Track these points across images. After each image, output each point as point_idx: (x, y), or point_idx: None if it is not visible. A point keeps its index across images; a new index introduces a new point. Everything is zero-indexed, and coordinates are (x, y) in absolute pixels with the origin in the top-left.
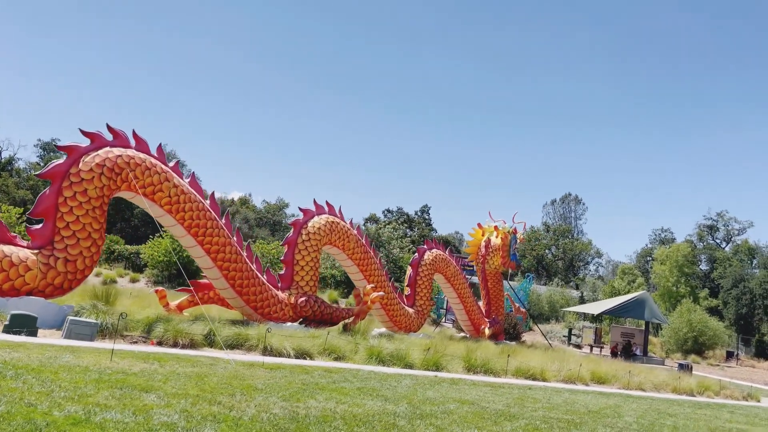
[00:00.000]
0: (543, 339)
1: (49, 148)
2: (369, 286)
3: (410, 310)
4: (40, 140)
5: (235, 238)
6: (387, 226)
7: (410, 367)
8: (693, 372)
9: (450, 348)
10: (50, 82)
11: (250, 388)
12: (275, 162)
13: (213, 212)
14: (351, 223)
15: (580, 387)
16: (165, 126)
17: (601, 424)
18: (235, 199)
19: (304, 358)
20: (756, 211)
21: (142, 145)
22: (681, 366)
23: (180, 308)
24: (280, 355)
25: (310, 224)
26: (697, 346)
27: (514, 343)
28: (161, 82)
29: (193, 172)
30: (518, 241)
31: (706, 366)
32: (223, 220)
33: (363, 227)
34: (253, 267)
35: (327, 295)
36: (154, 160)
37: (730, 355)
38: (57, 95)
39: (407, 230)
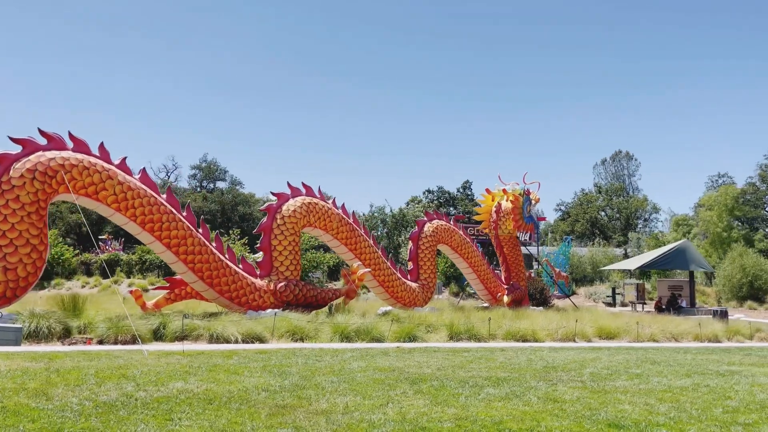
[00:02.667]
0: (577, 301)
1: None
2: (355, 265)
3: (413, 285)
4: None
5: (200, 230)
6: (416, 205)
7: (378, 340)
8: (732, 317)
9: (441, 318)
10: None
11: (117, 377)
12: (315, 159)
13: (169, 206)
14: (334, 202)
15: (577, 344)
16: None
17: (543, 378)
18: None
19: (253, 342)
20: None
21: (80, 146)
22: (715, 312)
23: (158, 306)
24: (227, 341)
25: (284, 208)
26: (753, 292)
27: (540, 308)
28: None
29: (144, 168)
30: (532, 202)
31: (764, 311)
32: (184, 213)
33: (390, 210)
34: (224, 257)
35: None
36: (93, 159)
37: None
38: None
39: (450, 208)
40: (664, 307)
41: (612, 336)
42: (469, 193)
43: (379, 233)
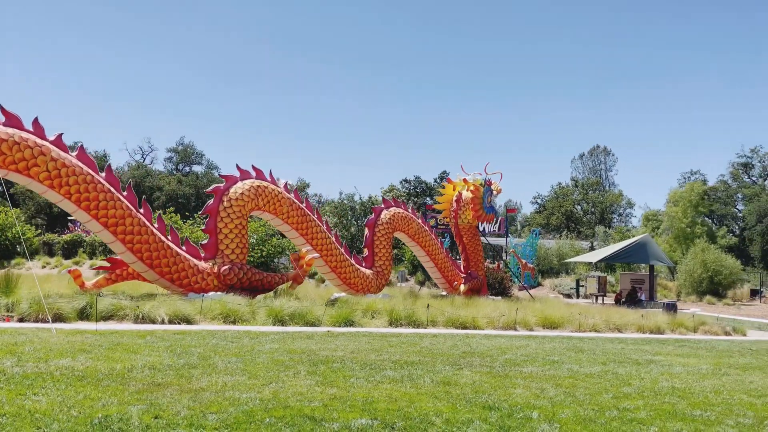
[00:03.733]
0: (541, 293)
1: None
2: (304, 250)
3: (367, 272)
4: None
5: (141, 210)
6: (388, 193)
7: (313, 325)
8: (688, 311)
9: (388, 304)
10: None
11: (4, 353)
12: (293, 145)
13: (108, 185)
14: (286, 186)
15: (515, 333)
16: (184, 117)
17: (453, 363)
18: None
19: (179, 323)
20: None
21: (12, 120)
22: (665, 305)
23: (98, 286)
24: (153, 322)
25: (232, 190)
26: (713, 287)
27: (499, 298)
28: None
29: (81, 144)
30: (494, 192)
31: (721, 306)
32: (125, 192)
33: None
34: (166, 238)
35: None
36: (25, 134)
37: (755, 294)
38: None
39: (427, 198)
40: (624, 299)
41: (555, 326)
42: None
43: (347, 221)
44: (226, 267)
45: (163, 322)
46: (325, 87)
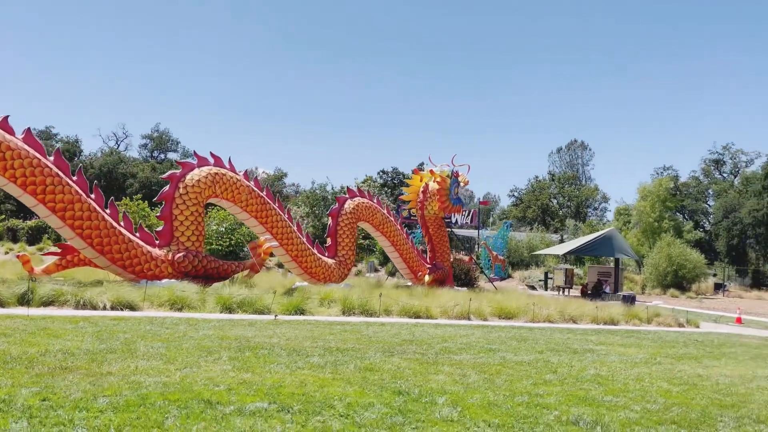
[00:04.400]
0: (510, 285)
1: None
2: (262, 238)
3: (330, 261)
4: None
5: (93, 196)
6: (363, 184)
7: (262, 312)
8: (650, 304)
9: (345, 293)
10: None
11: None
12: (272, 134)
13: (57, 169)
14: (246, 174)
15: (467, 322)
16: (161, 105)
17: (387, 351)
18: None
19: (122, 310)
20: (765, 142)
21: None
22: (624, 297)
23: (47, 272)
24: (94, 308)
25: (188, 177)
26: (677, 280)
27: (465, 288)
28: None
29: (28, 128)
30: (461, 184)
31: (684, 299)
32: (75, 177)
33: (332, 187)
34: (118, 224)
35: None
36: None
37: (718, 287)
38: None
39: (403, 189)
40: (589, 292)
41: (511, 316)
42: None
43: (319, 211)
44: (180, 254)
45: (104, 308)
46: (306, 77)
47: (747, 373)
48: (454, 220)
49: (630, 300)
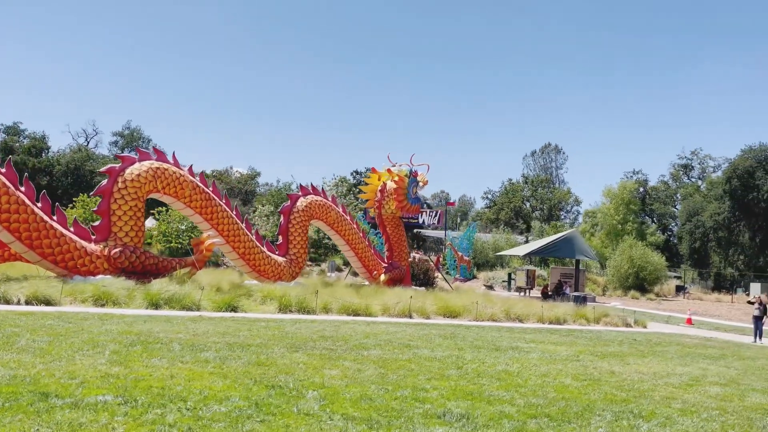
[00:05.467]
0: (474, 285)
1: None
2: (204, 234)
3: (279, 259)
4: None
5: (24, 188)
6: (334, 185)
7: (189, 309)
8: (609, 305)
9: (281, 291)
10: None
11: None
12: (248, 134)
13: None
14: (191, 170)
15: (407, 320)
16: (136, 102)
17: (293, 346)
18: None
19: (38, 305)
20: (733, 148)
21: None
22: (576, 298)
23: None
24: (8, 302)
25: (128, 171)
26: (638, 282)
27: (423, 288)
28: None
29: None
30: (420, 183)
31: (644, 301)
32: (4, 170)
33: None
34: (50, 218)
35: None
36: None
37: (680, 290)
38: None
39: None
40: (550, 293)
41: (455, 314)
42: None
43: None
44: (116, 250)
45: (18, 303)
46: (283, 76)
47: (664, 370)
48: (421, 221)
49: (582, 300)
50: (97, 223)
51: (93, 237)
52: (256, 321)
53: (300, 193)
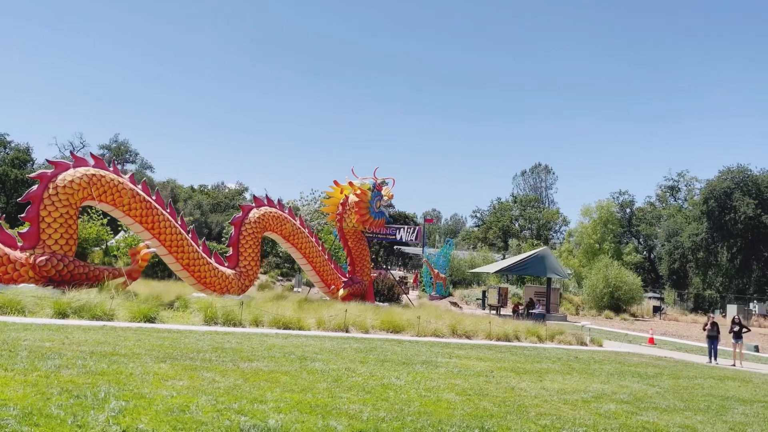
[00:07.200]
0: (442, 303)
1: None
2: (141, 245)
3: (228, 272)
4: None
5: None
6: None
7: (101, 319)
8: (578, 323)
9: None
10: None
11: None
12: (236, 149)
13: None
14: (132, 178)
15: (338, 334)
16: (124, 116)
17: (171, 357)
18: (195, 186)
19: None
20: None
21: None
22: (535, 315)
23: None
24: None
25: (60, 177)
26: (613, 302)
27: (386, 304)
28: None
29: None
30: (384, 197)
31: (617, 321)
32: None
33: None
34: None
35: None
36: None
37: (657, 310)
38: None
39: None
40: (521, 311)
41: (398, 329)
42: None
43: None
44: (42, 258)
45: None
46: (272, 93)
47: (575, 387)
48: (399, 237)
49: (540, 318)
50: (24, 230)
51: (20, 244)
52: (158, 332)
53: (253, 205)
